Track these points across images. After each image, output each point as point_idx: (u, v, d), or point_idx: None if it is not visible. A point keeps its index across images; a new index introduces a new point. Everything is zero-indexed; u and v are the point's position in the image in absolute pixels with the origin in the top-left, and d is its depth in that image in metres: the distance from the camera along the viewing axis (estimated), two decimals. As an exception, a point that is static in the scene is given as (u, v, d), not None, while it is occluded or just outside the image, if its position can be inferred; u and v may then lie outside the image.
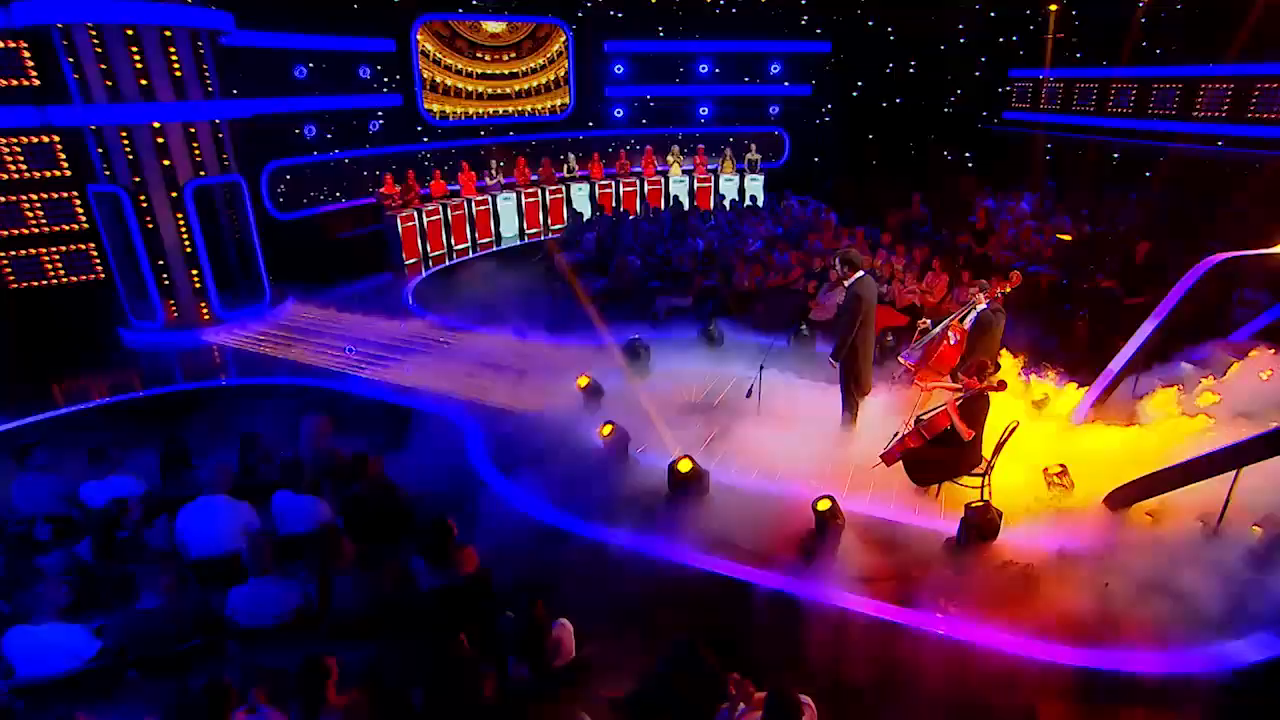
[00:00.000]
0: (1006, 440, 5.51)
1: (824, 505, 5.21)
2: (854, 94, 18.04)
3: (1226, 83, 10.17)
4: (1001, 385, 5.48)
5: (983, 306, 6.62)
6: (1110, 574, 4.72)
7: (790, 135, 18.60)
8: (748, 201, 16.13)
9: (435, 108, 15.64)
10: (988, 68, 15.32)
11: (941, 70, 16.18)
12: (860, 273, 6.30)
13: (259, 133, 12.12)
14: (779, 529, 5.57)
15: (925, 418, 5.88)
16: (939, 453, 5.72)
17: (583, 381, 7.38)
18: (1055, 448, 6.08)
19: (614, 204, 16.34)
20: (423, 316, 10.99)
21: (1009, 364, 6.99)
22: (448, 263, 14.05)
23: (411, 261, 13.64)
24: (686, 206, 15.34)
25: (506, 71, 16.51)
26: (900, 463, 5.98)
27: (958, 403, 5.58)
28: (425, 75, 15.22)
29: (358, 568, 4.54)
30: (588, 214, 15.12)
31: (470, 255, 14.58)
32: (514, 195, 15.48)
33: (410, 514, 5.34)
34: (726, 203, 15.70)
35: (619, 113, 17.99)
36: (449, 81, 15.79)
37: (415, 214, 13.68)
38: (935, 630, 4.53)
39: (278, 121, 12.80)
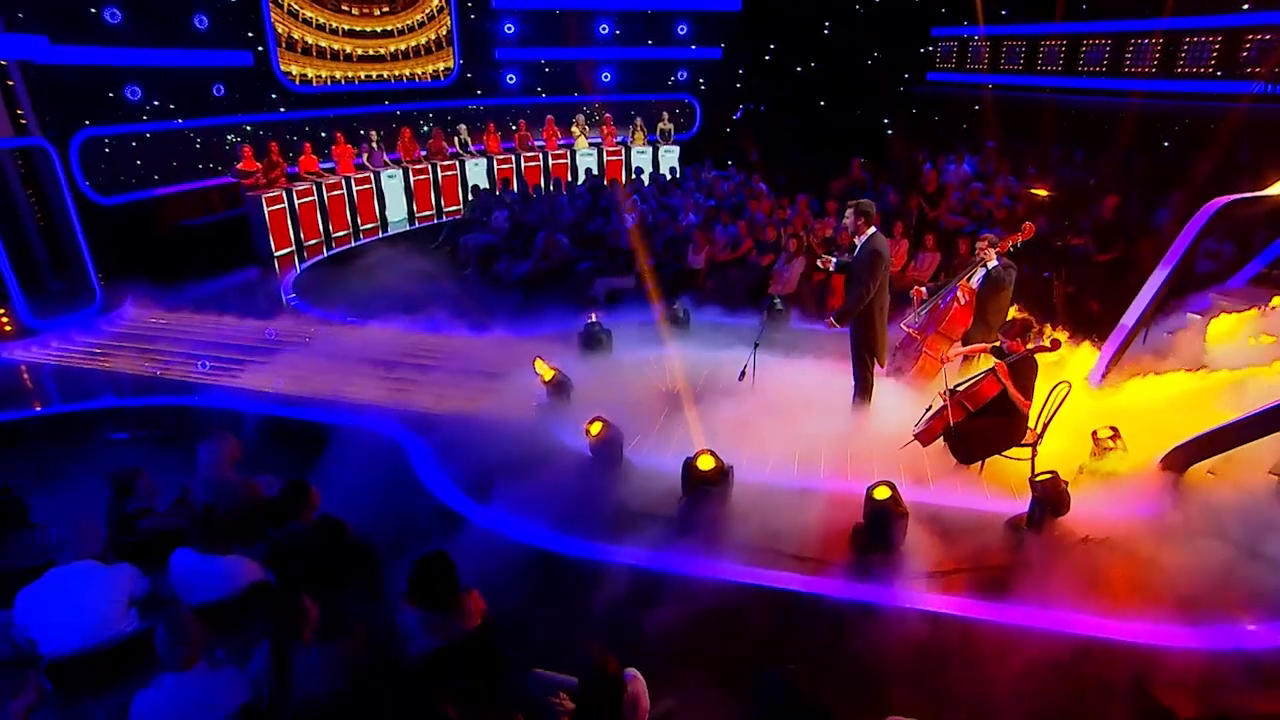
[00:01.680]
0: (1060, 406, 5.30)
1: (883, 493, 4.76)
2: (766, 57, 18.09)
3: (1155, 37, 10.91)
4: (1055, 345, 5.28)
5: (994, 263, 6.47)
6: (1196, 540, 4.59)
7: (701, 103, 18.37)
8: (665, 174, 15.71)
9: (294, 70, 14.00)
10: (908, 27, 15.76)
11: (859, 30, 16.46)
12: (874, 228, 5.95)
13: (66, 91, 10.19)
14: (822, 527, 5.11)
15: (963, 388, 5.60)
16: (985, 425, 5.44)
17: (547, 373, 6.56)
18: (1087, 410, 6.00)
19: (515, 179, 15.38)
20: (310, 313, 9.64)
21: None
22: (327, 253, 12.55)
23: (283, 252, 12.05)
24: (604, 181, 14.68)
25: (379, 29, 15.10)
26: (935, 442, 5.68)
27: (1007, 369, 5.31)
28: (280, 30, 13.56)
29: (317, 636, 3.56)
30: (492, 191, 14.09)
31: (354, 243, 13.13)
32: (400, 172, 14.16)
33: (373, 558, 4.38)
34: (645, 176, 15.22)
35: (512, 78, 17.02)
36: (309, 39, 14.18)
37: (284, 195, 12.10)
38: (1040, 625, 4.19)
39: (89, 78, 10.83)
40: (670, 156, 16.86)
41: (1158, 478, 5.19)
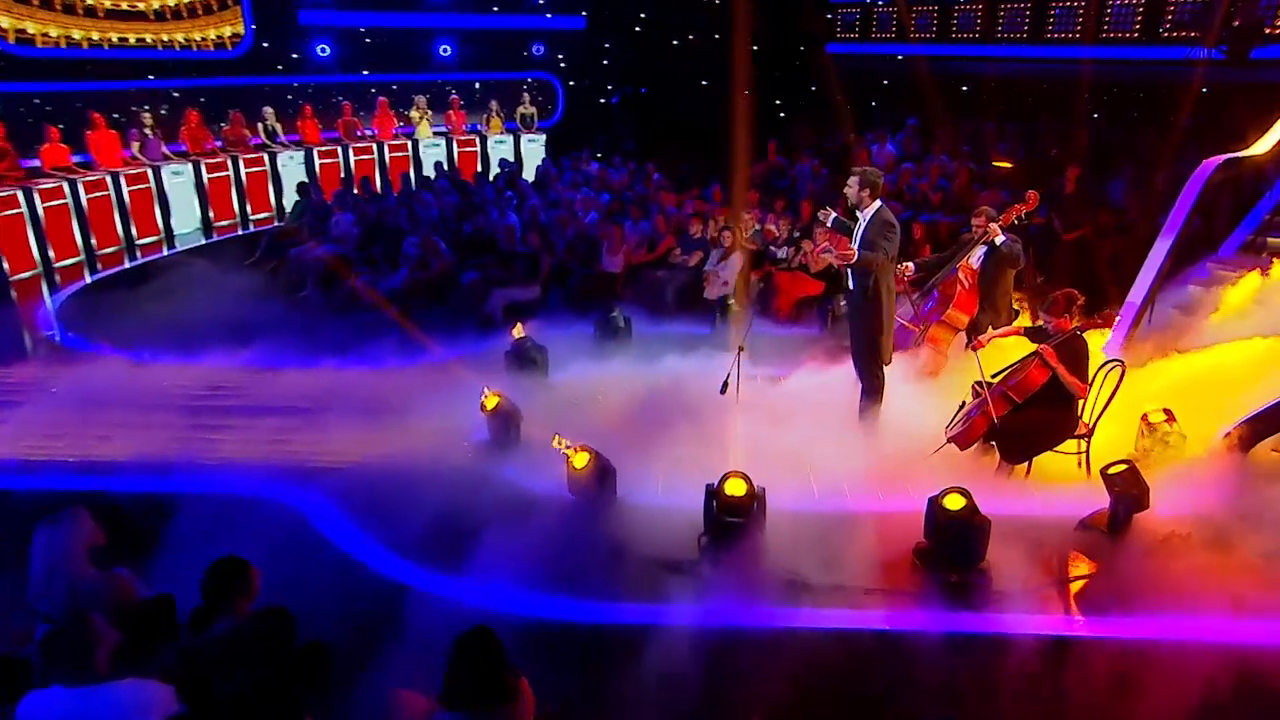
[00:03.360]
0: (1116, 390, 5.65)
1: (955, 503, 4.81)
2: (636, 29, 18.52)
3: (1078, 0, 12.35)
4: (1109, 318, 5.64)
5: (1001, 239, 6.82)
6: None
7: (562, 82, 18.44)
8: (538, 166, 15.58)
9: (6, 23, 12.36)
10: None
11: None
12: (879, 201, 6.13)
13: None
14: (875, 551, 5.13)
15: (1003, 378, 5.84)
16: (1033, 417, 5.69)
17: (491, 401, 6.13)
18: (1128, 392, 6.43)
19: (342, 176, 14.60)
20: (91, 351, 8.58)
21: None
22: (92, 276, 11.17)
23: (24, 275, 10.61)
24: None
25: (135, -25, 13.86)
26: (978, 443, 5.88)
27: (1053, 351, 5.59)
28: (-17, -36, 12.04)
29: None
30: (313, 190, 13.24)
31: (129, 262, 11.80)
32: (188, 168, 12.98)
33: (330, 658, 3.80)
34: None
35: (324, 50, 16.21)
36: (34, -16, 12.70)
37: (20, 196, 10.67)
38: (1158, 636, 4.38)
39: None
40: (535, 146, 16.78)
41: (1220, 460, 5.64)
